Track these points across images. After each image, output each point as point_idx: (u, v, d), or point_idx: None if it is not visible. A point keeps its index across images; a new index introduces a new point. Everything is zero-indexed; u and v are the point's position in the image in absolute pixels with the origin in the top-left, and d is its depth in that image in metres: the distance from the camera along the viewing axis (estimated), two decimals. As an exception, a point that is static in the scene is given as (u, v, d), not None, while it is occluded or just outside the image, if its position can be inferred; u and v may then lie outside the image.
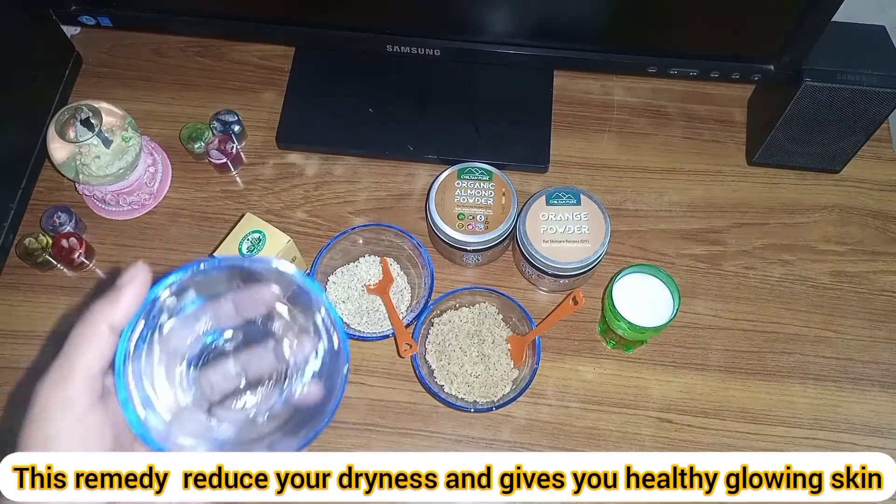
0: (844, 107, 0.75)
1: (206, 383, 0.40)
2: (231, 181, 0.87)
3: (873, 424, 0.74)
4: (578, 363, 0.77)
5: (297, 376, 0.40)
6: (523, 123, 0.88)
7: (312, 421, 0.38)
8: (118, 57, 0.94)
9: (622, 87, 0.92)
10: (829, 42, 0.70)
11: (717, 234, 0.83)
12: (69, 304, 0.79)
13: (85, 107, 0.75)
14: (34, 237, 0.79)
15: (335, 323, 0.38)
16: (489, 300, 0.76)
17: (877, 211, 0.85)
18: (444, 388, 0.73)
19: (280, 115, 0.88)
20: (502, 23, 0.75)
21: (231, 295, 0.40)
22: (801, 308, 0.80)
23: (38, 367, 0.76)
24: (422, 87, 0.90)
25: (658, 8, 0.72)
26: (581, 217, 0.74)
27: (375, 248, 0.79)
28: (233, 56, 0.94)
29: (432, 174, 0.81)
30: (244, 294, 0.40)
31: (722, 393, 0.76)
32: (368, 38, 0.78)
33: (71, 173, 0.76)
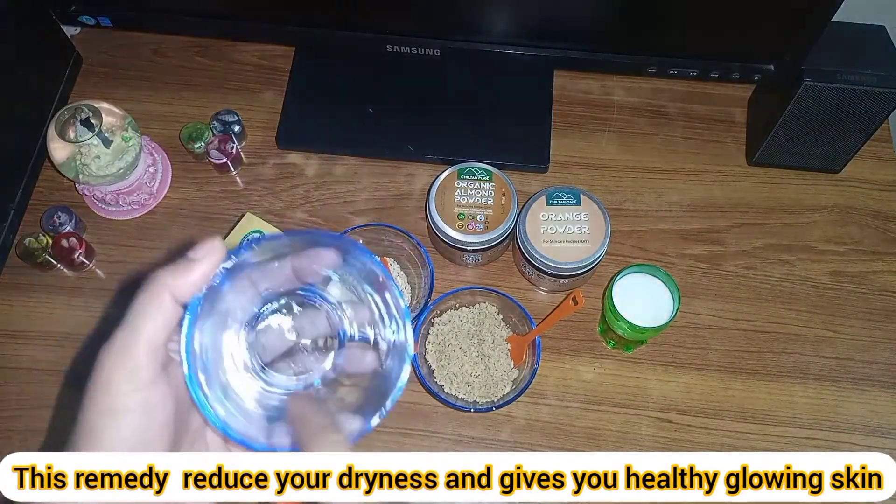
0: (844, 107, 0.75)
1: (258, 345, 0.40)
2: (231, 181, 0.87)
3: (873, 424, 0.74)
4: (578, 363, 0.77)
5: (348, 343, 0.40)
6: (523, 123, 0.88)
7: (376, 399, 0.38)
8: (118, 57, 0.94)
9: (622, 87, 0.92)
10: (829, 42, 0.70)
11: (717, 234, 0.83)
12: (69, 304, 0.80)
13: (85, 107, 0.75)
14: (34, 237, 0.79)
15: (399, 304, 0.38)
16: (489, 300, 0.76)
17: (876, 211, 0.85)
18: (444, 388, 0.73)
19: (280, 115, 0.88)
20: (502, 23, 0.75)
21: (289, 259, 0.40)
22: (801, 308, 0.80)
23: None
24: (422, 87, 0.90)
25: (658, 8, 0.72)
26: (581, 217, 0.74)
27: (375, 248, 0.79)
28: (233, 56, 0.94)
29: (432, 174, 0.81)
30: (302, 259, 0.39)
31: (722, 393, 0.76)
32: (368, 38, 0.78)
33: (71, 173, 0.76)
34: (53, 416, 0.74)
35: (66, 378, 0.75)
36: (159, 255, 0.82)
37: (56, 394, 0.75)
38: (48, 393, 0.75)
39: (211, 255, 0.35)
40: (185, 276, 0.35)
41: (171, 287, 0.35)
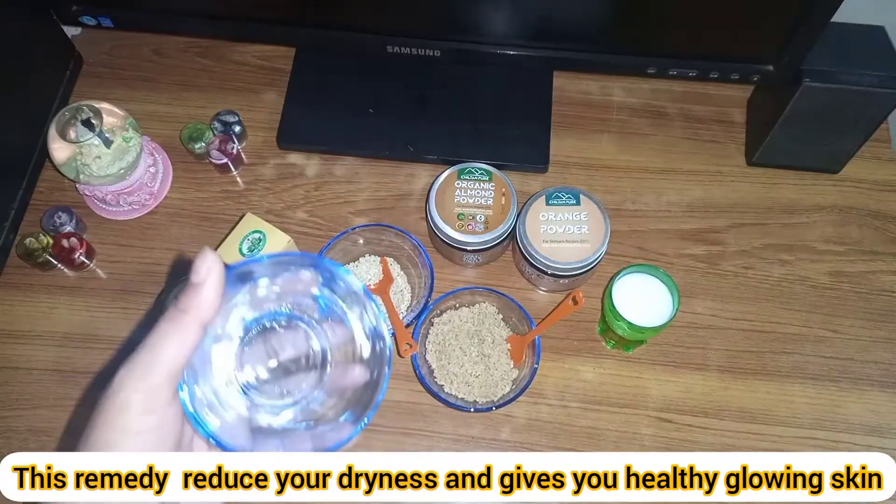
0: (844, 107, 0.75)
1: (245, 365, 0.41)
2: (231, 181, 0.87)
3: (873, 424, 0.74)
4: (578, 363, 0.77)
5: (331, 361, 0.41)
6: (523, 123, 0.88)
7: (360, 404, 0.39)
8: (118, 57, 0.94)
9: (622, 88, 0.92)
10: (829, 42, 0.70)
11: (717, 234, 0.84)
12: (69, 304, 0.80)
13: (86, 107, 0.75)
14: (35, 237, 0.79)
15: (377, 315, 0.39)
16: (489, 300, 0.76)
17: (876, 211, 0.85)
18: (444, 387, 0.73)
19: (280, 116, 0.88)
20: (502, 23, 0.75)
21: (272, 280, 0.40)
22: (800, 308, 0.80)
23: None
24: (422, 88, 0.90)
25: (657, 9, 0.72)
26: (581, 217, 0.74)
27: (376, 248, 0.79)
28: (233, 56, 0.94)
29: (432, 174, 0.81)
30: (285, 279, 0.40)
31: (722, 393, 0.76)
32: (368, 38, 0.78)
33: (72, 173, 0.76)
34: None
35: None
36: (159, 255, 0.82)
37: (56, 394, 0.75)
38: (48, 393, 0.75)
39: (212, 270, 0.36)
40: (198, 297, 0.36)
41: (191, 310, 0.35)
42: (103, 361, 0.77)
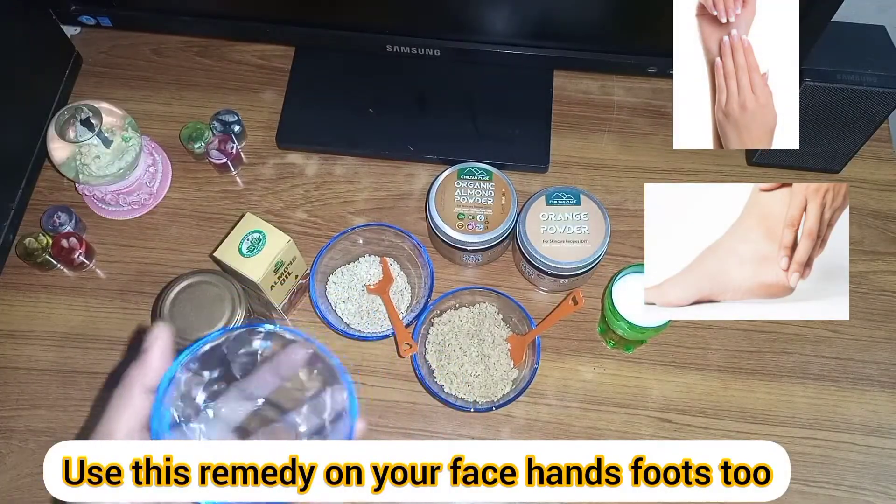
0: (844, 107, 0.75)
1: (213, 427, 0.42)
2: (231, 181, 0.87)
3: (873, 424, 0.74)
4: (578, 363, 0.77)
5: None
6: (523, 123, 0.88)
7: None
8: (118, 57, 0.94)
9: (622, 87, 0.92)
10: (829, 42, 0.70)
11: (717, 234, 0.83)
12: (69, 304, 0.80)
13: (85, 107, 0.75)
14: (34, 237, 0.79)
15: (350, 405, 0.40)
16: (489, 300, 0.76)
17: (877, 211, 0.85)
18: (444, 387, 0.73)
19: (280, 115, 0.88)
20: (502, 23, 0.75)
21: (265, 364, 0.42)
22: (800, 308, 0.80)
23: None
24: (422, 87, 0.90)
25: (657, 8, 0.72)
26: (581, 217, 0.74)
27: (375, 248, 0.79)
28: (233, 56, 0.94)
29: (432, 174, 0.81)
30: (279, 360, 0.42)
31: (722, 393, 0.76)
32: (368, 38, 0.78)
33: (71, 173, 0.76)
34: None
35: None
36: (159, 255, 0.82)
37: (56, 394, 0.75)
38: (48, 393, 0.75)
39: (158, 338, 0.40)
40: (144, 366, 0.40)
41: (137, 379, 0.39)
42: (103, 361, 0.77)
